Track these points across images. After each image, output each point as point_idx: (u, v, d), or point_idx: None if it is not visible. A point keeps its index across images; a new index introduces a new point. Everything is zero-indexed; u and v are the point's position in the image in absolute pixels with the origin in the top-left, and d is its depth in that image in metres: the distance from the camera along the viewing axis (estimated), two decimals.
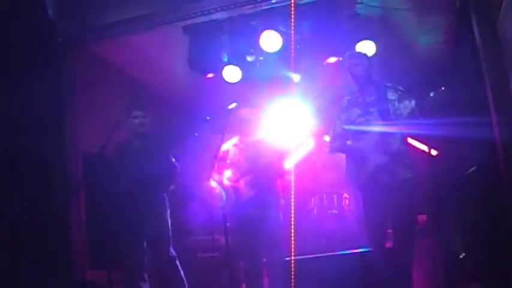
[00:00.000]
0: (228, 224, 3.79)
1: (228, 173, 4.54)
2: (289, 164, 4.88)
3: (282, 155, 4.64)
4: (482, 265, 4.69)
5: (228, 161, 4.62)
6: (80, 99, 4.99)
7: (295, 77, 5.80)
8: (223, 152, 4.51)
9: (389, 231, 4.06)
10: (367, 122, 4.04)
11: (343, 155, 4.35)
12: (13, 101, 4.60)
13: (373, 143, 3.96)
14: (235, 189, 4.47)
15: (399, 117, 3.93)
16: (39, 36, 4.78)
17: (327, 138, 4.40)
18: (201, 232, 5.92)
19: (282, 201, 5.83)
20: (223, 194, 3.84)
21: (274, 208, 4.65)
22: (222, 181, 4.28)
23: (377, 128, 3.98)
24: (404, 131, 4.01)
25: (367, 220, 4.06)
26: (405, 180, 3.92)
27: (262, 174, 4.58)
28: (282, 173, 4.72)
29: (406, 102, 3.95)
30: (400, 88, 4.03)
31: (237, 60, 5.53)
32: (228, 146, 4.75)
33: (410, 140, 5.21)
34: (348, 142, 4.13)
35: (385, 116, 3.97)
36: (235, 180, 4.53)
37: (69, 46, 4.97)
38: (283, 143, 4.72)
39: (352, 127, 4.10)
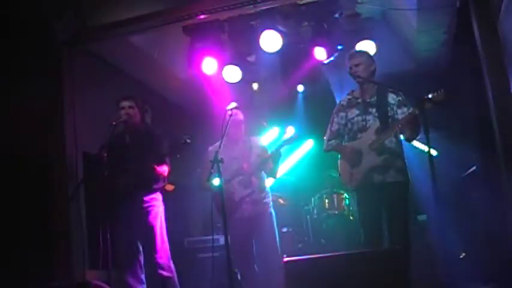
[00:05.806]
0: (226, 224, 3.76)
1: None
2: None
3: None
4: (482, 265, 4.70)
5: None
6: (80, 99, 4.99)
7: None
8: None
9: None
10: (364, 122, 4.03)
11: None
12: (13, 100, 4.62)
13: (368, 143, 3.95)
14: (228, 189, 4.43)
15: (396, 121, 3.93)
16: (39, 37, 4.79)
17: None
18: (201, 232, 5.91)
19: (281, 200, 5.87)
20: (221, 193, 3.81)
21: (268, 207, 4.65)
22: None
23: (373, 128, 3.97)
24: (401, 134, 4.00)
25: (361, 219, 4.07)
26: (396, 183, 3.92)
27: (252, 174, 4.58)
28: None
29: (404, 109, 3.95)
30: (401, 94, 4.01)
31: (237, 60, 5.53)
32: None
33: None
34: (343, 142, 4.13)
35: (383, 118, 3.97)
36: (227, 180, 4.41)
37: (69, 46, 4.97)
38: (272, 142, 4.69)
39: (349, 126, 4.10)
